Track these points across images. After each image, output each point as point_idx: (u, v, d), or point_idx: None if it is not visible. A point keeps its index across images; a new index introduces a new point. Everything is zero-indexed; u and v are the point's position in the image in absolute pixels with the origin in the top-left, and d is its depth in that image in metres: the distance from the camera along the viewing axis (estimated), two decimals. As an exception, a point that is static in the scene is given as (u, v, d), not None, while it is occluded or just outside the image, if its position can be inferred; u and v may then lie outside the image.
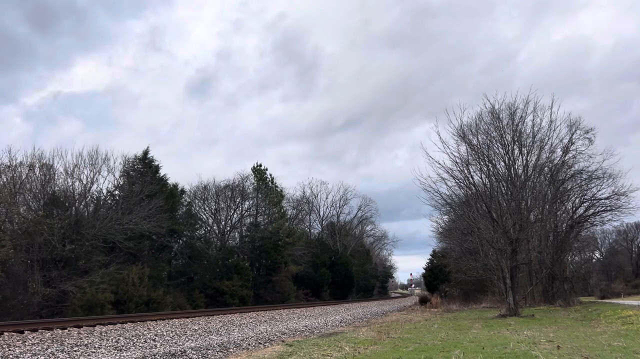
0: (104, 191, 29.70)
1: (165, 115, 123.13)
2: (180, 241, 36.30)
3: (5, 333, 12.75)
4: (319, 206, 66.94)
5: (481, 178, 25.47)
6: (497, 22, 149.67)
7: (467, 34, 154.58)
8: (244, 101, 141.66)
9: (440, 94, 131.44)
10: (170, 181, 34.47)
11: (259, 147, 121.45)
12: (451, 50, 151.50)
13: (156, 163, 32.69)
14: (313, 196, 65.85)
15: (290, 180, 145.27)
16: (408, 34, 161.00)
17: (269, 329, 16.33)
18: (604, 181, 30.08)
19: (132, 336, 13.22)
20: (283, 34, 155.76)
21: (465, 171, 24.83)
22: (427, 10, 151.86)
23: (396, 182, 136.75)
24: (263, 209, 46.76)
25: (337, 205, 68.25)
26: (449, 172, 25.04)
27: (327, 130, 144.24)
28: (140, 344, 11.87)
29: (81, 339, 12.35)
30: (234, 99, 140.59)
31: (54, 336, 12.83)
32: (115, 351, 10.83)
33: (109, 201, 29.63)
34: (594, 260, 68.05)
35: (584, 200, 31.62)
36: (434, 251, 54.17)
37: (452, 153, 24.94)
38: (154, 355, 10.27)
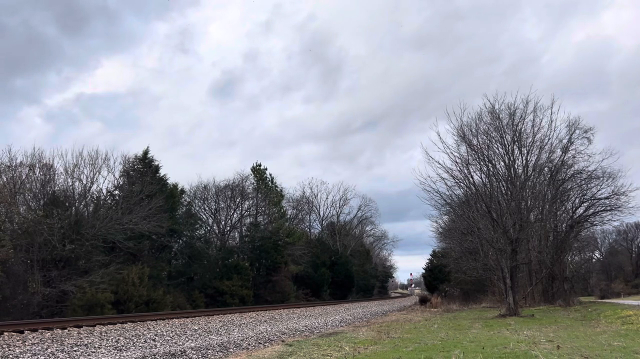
0: (104, 191, 29.72)
1: (186, 116, 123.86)
2: (180, 241, 36.30)
3: (5, 333, 12.74)
4: (319, 206, 67.00)
5: (481, 178, 25.49)
6: (525, 24, 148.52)
7: (492, 35, 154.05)
8: (266, 103, 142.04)
9: (461, 95, 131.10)
10: (170, 181, 34.54)
11: (276, 148, 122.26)
12: (476, 52, 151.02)
13: (156, 163, 32.72)
14: (313, 196, 65.92)
15: (302, 180, 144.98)
16: (435, 36, 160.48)
17: (269, 329, 16.33)
18: (604, 180, 30.12)
19: (132, 336, 13.22)
20: (311, 36, 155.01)
21: (465, 171, 24.87)
22: (457, 12, 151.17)
23: (407, 183, 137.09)
24: (263, 209, 46.77)
25: (337, 205, 68.30)
26: (448, 172, 25.08)
27: (345, 131, 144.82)
28: (140, 344, 11.87)
29: (81, 339, 12.35)
30: (257, 101, 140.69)
31: (54, 336, 12.83)
32: (115, 351, 10.83)
33: (109, 201, 29.62)
34: (593, 260, 68.02)
35: (584, 200, 31.63)
36: (433, 251, 54.27)
37: (452, 153, 24.98)
38: (154, 355, 10.27)
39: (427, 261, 56.52)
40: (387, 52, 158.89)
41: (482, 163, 25.31)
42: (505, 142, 28.29)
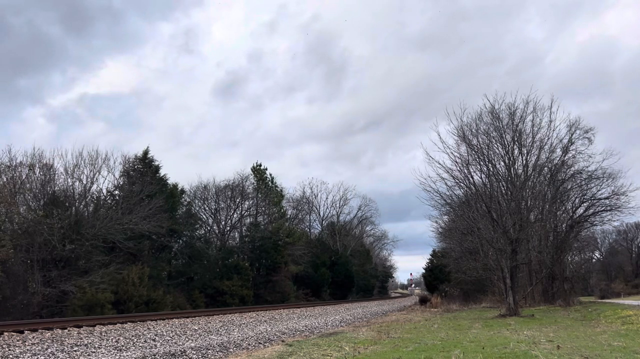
0: (104, 191, 29.74)
1: (189, 116, 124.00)
2: (180, 241, 36.30)
3: (5, 333, 12.75)
4: (319, 206, 67.04)
5: (481, 178, 25.47)
6: (529, 24, 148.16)
7: (496, 35, 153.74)
8: (269, 103, 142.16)
9: (464, 96, 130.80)
10: (171, 181, 34.55)
11: (278, 148, 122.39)
12: (480, 52, 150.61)
13: (156, 163, 32.74)
14: (313, 196, 65.95)
15: (303, 180, 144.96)
16: (439, 36, 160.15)
17: (269, 329, 16.33)
18: (604, 180, 30.08)
19: (132, 336, 13.22)
20: (316, 36, 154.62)
21: (465, 171, 24.85)
22: (461, 13, 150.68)
23: (409, 183, 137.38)
24: (263, 209, 46.78)
25: (337, 205, 68.34)
26: (449, 172, 25.07)
27: (347, 131, 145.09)
28: (140, 344, 11.87)
29: (81, 339, 12.35)
30: (260, 101, 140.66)
31: (54, 336, 12.83)
32: (115, 351, 10.83)
33: (109, 201, 29.62)
34: (593, 260, 67.97)
35: (584, 200, 31.60)
36: (434, 251, 54.22)
37: (452, 153, 24.96)
38: (154, 355, 10.27)
39: (427, 261, 56.52)
40: (390, 53, 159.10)
41: (482, 163, 25.30)
42: (505, 142, 28.27)
